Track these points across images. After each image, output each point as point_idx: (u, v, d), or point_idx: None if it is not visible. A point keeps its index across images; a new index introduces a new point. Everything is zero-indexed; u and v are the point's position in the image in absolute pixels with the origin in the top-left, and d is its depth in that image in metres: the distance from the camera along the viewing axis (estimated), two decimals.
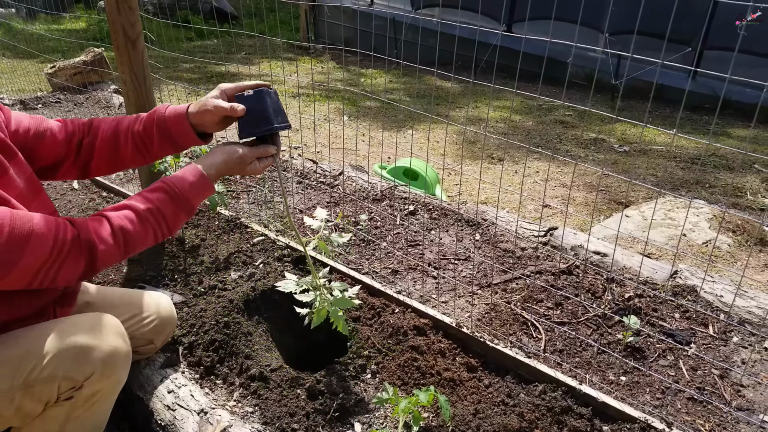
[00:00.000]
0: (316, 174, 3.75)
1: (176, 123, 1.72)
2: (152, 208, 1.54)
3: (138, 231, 1.52)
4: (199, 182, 1.61)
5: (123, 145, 1.76)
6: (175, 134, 1.73)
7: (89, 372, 1.49)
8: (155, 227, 1.55)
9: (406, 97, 7.46)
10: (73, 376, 1.48)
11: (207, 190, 1.63)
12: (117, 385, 1.62)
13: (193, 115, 1.71)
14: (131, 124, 1.76)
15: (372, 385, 1.95)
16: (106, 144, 1.76)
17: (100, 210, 1.53)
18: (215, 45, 9.81)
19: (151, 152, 1.78)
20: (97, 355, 1.51)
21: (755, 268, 3.40)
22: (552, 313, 2.39)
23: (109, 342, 1.55)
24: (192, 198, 1.60)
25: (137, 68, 2.73)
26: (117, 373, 1.58)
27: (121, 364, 1.59)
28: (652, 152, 5.56)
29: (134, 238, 1.51)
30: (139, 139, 1.75)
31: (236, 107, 1.64)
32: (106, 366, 1.52)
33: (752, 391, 2.04)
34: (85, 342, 1.50)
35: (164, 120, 1.73)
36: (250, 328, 2.14)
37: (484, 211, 3.24)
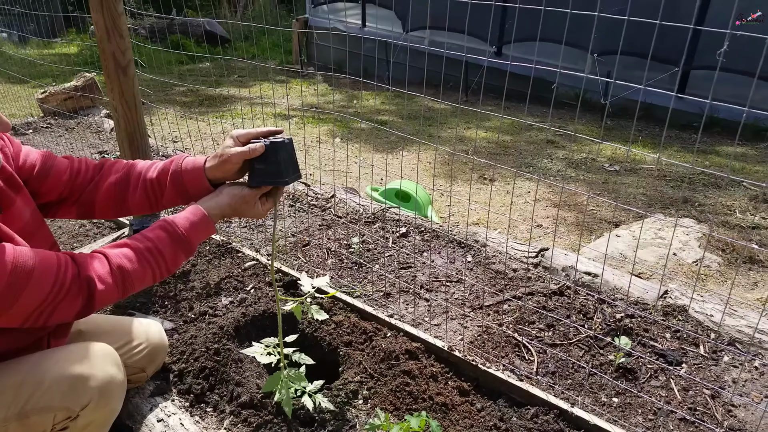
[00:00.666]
0: (308, 197, 3.76)
1: (193, 178, 1.71)
2: (151, 248, 1.53)
3: (137, 270, 1.50)
4: (201, 223, 1.60)
5: (132, 191, 1.74)
6: (190, 188, 1.72)
7: (86, 401, 1.49)
8: (154, 267, 1.53)
9: (397, 119, 7.50)
10: (70, 406, 1.47)
11: (208, 231, 1.62)
12: (111, 415, 1.61)
13: (211, 169, 1.69)
14: (144, 171, 1.75)
15: (364, 411, 1.94)
16: (115, 187, 1.74)
17: (100, 248, 1.52)
18: (207, 68, 9.87)
19: (159, 202, 1.76)
20: (94, 384, 1.50)
21: (745, 287, 3.42)
22: (544, 335, 2.40)
23: (105, 371, 1.54)
24: (193, 239, 1.59)
25: (128, 95, 2.74)
26: (113, 402, 1.57)
27: (117, 393, 1.58)
28: (641, 171, 5.60)
29: (132, 278, 1.49)
30: (150, 187, 1.73)
31: (255, 147, 1.63)
32: (102, 395, 1.52)
33: (744, 411, 2.04)
34: (82, 371, 1.50)
35: (180, 174, 1.71)
36: (240, 355, 2.13)
37: (475, 233, 3.25)
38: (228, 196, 1.65)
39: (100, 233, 3.37)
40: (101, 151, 4.81)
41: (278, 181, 1.67)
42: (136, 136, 2.86)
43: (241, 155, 1.63)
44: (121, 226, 3.35)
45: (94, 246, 3.05)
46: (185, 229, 1.57)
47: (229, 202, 1.65)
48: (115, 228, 3.39)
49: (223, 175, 1.70)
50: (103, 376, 1.53)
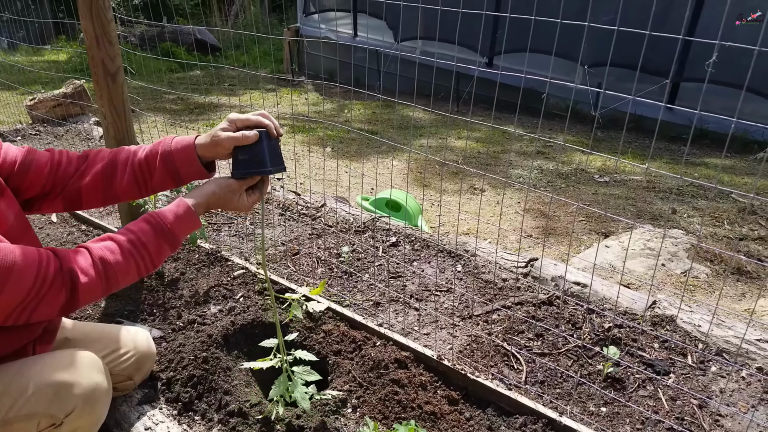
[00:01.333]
0: (299, 206, 3.76)
1: (184, 157, 1.68)
2: (134, 240, 1.51)
3: (119, 262, 1.47)
4: (185, 215, 1.58)
5: (120, 176, 1.70)
6: (180, 168, 1.69)
7: (70, 408, 1.48)
8: (137, 259, 1.51)
9: (388, 128, 7.52)
10: (54, 413, 1.46)
11: (193, 223, 1.60)
12: (96, 422, 1.60)
13: (202, 147, 1.68)
14: (132, 155, 1.72)
15: (353, 420, 1.94)
16: (101, 175, 1.71)
17: (82, 243, 1.50)
18: (198, 77, 9.86)
19: (148, 185, 1.73)
20: (78, 391, 1.49)
21: (733, 297, 3.44)
22: (533, 345, 2.40)
23: (90, 378, 1.53)
24: (177, 231, 1.57)
25: (117, 102, 2.73)
26: (97, 410, 1.56)
27: (102, 401, 1.57)
28: (630, 182, 5.63)
29: (115, 270, 1.47)
30: (139, 170, 1.70)
31: (248, 134, 1.62)
32: (86, 402, 1.51)
33: (731, 420, 2.05)
34: (66, 378, 1.49)
35: (170, 152, 1.68)
36: (229, 364, 2.12)
37: (465, 243, 3.25)
38: (213, 184, 1.64)
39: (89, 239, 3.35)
40: None
41: (261, 170, 1.65)
42: (125, 143, 2.85)
43: (231, 140, 1.62)
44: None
45: None
46: (169, 222, 1.56)
47: (214, 190, 1.63)
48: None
49: (213, 156, 1.70)
50: (88, 383, 1.52)
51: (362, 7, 9.61)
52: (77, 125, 5.78)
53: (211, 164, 1.74)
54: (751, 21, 5.93)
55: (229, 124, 1.65)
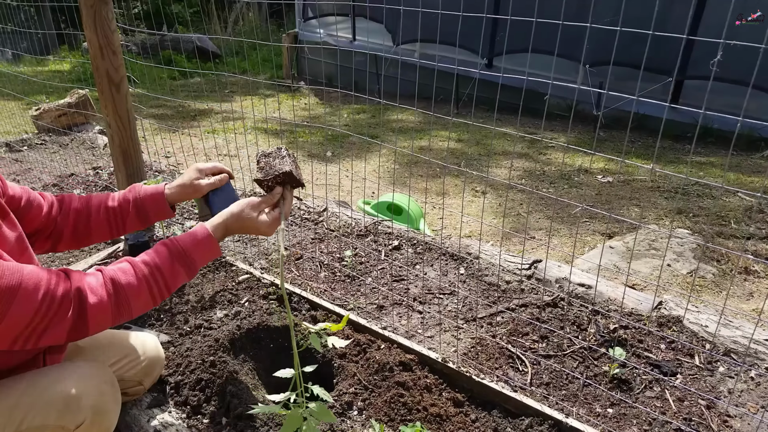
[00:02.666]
0: (301, 210, 3.76)
1: (154, 206, 1.85)
2: (149, 261, 1.54)
3: (131, 284, 1.48)
4: (203, 240, 1.63)
5: (95, 219, 1.83)
6: (151, 213, 1.86)
7: (80, 420, 1.49)
8: (151, 282, 1.52)
9: (388, 132, 7.52)
10: (65, 424, 1.47)
11: (212, 248, 1.65)
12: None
13: (172, 195, 1.86)
14: (103, 201, 1.86)
15: (359, 422, 1.93)
16: (78, 218, 1.82)
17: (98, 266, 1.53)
18: (199, 84, 9.89)
19: (122, 228, 1.87)
20: (88, 402, 1.50)
21: (740, 297, 3.43)
22: (538, 346, 2.40)
23: (99, 389, 1.55)
24: (194, 256, 1.61)
25: (121, 111, 2.75)
26: (107, 420, 1.57)
27: (112, 411, 1.58)
28: (635, 182, 5.62)
29: (126, 291, 1.47)
30: (113, 215, 1.84)
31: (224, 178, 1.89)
32: (96, 413, 1.52)
33: (739, 421, 2.04)
34: (76, 390, 1.50)
35: (142, 201, 1.85)
36: (236, 367, 2.12)
37: (468, 245, 3.25)
38: (235, 206, 1.72)
39: (95, 247, 3.35)
40: (95, 167, 4.80)
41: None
42: (130, 151, 2.86)
43: (210, 186, 1.85)
44: (116, 241, 3.33)
45: (90, 261, 3.03)
46: (185, 245, 1.60)
47: (233, 211, 1.70)
48: (110, 243, 3.38)
49: (181, 200, 1.89)
50: (97, 394, 1.53)
51: (361, 11, 9.63)
52: (82, 134, 5.79)
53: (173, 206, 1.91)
54: (751, 21, 5.92)
55: (199, 173, 1.86)
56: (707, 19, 6.39)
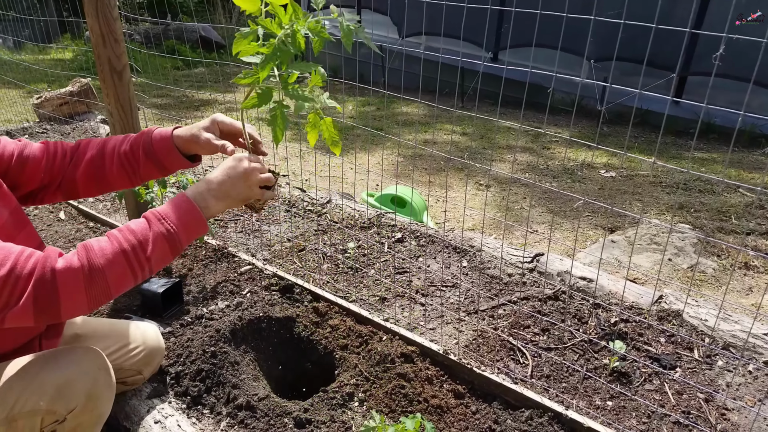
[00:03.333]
0: (304, 202, 3.77)
1: (162, 147, 1.68)
2: (123, 229, 1.40)
3: (103, 248, 1.34)
4: (184, 205, 1.46)
5: (108, 165, 1.70)
6: (162, 158, 1.69)
7: (73, 405, 1.48)
8: (126, 248, 1.36)
9: (393, 125, 7.52)
10: (57, 410, 1.46)
11: (194, 216, 1.46)
12: (100, 418, 1.61)
13: (180, 140, 1.67)
14: (117, 145, 1.72)
15: (359, 413, 1.95)
16: (91, 165, 1.71)
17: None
18: (203, 74, 9.88)
19: (138, 174, 1.73)
20: (81, 388, 1.49)
21: (740, 292, 3.44)
22: (539, 339, 2.41)
23: (92, 375, 1.54)
24: (176, 222, 1.43)
25: (123, 100, 2.75)
26: (100, 406, 1.56)
27: (105, 397, 1.57)
28: (637, 177, 5.62)
29: (98, 255, 1.33)
30: (126, 160, 1.70)
31: (227, 146, 1.60)
32: (89, 399, 1.51)
33: (737, 414, 2.05)
34: (69, 375, 1.49)
35: (150, 144, 1.69)
36: (237, 358, 2.13)
37: (471, 238, 3.26)
38: (220, 170, 1.52)
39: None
40: None
41: None
42: None
43: (211, 147, 1.63)
44: None
45: None
46: (164, 212, 1.44)
47: (221, 177, 1.50)
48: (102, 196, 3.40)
49: (188, 150, 1.69)
50: (90, 380, 1.52)
51: (366, 3, 9.59)
52: (84, 123, 5.80)
53: (196, 155, 1.73)
54: (751, 21, 5.92)
55: (211, 124, 1.66)
56: (710, 17, 6.38)
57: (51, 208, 3.84)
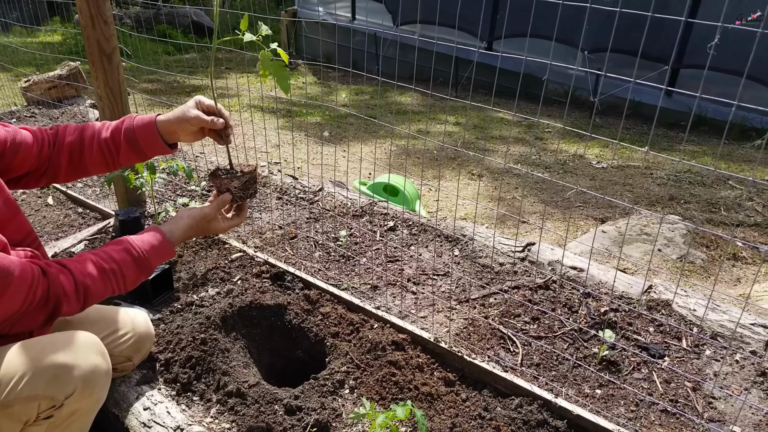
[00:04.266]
0: (296, 190, 3.75)
1: (145, 134, 1.77)
2: (115, 269, 1.60)
3: (98, 289, 1.57)
4: (161, 247, 1.70)
5: (88, 153, 1.79)
6: (143, 145, 1.78)
7: (70, 390, 1.48)
8: (114, 286, 1.61)
9: (386, 113, 7.50)
10: (54, 395, 1.46)
11: (168, 254, 1.72)
12: (96, 404, 1.61)
13: (165, 124, 1.77)
14: (97, 133, 1.80)
15: (350, 401, 1.95)
16: (71, 151, 1.79)
17: (67, 260, 1.56)
18: (194, 59, 9.81)
19: (116, 161, 1.83)
20: (78, 373, 1.49)
21: (728, 283, 3.46)
22: (529, 328, 2.42)
23: (89, 360, 1.54)
24: (153, 262, 1.68)
25: (113, 83, 2.73)
26: (97, 392, 1.57)
27: (102, 382, 1.58)
28: (629, 168, 5.64)
29: (93, 296, 1.57)
30: (106, 147, 1.79)
31: (216, 120, 1.74)
32: (86, 384, 1.51)
33: (724, 402, 2.07)
34: (66, 360, 1.49)
35: (132, 131, 1.77)
36: (227, 345, 2.13)
37: (463, 227, 3.26)
38: (189, 218, 1.76)
39: (86, 224, 3.35)
40: None
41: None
42: None
43: (200, 122, 1.73)
44: (106, 216, 3.33)
45: (79, 236, 3.03)
46: (146, 252, 1.66)
47: (190, 224, 1.76)
48: (101, 218, 3.37)
49: (175, 132, 1.78)
50: (88, 365, 1.52)
51: None
52: (72, 107, 5.75)
53: (173, 144, 1.85)
54: (750, 21, 5.93)
55: (197, 104, 1.76)
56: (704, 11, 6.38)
57: (39, 192, 3.81)
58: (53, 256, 2.82)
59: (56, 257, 2.81)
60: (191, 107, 1.75)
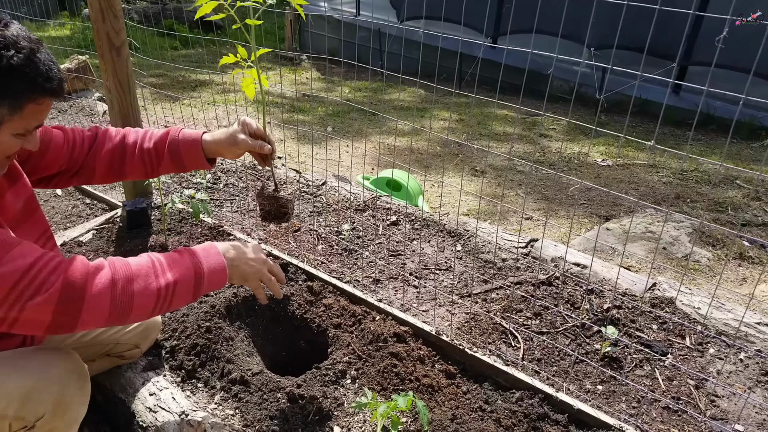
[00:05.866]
0: (300, 184, 3.76)
1: (189, 150, 1.80)
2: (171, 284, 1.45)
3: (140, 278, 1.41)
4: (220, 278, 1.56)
5: (129, 160, 1.81)
6: (186, 160, 1.81)
7: (41, 413, 1.45)
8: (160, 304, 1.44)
9: (390, 109, 7.50)
10: (24, 416, 1.43)
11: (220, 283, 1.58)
12: (74, 421, 1.56)
13: (211, 144, 1.79)
14: (140, 141, 1.82)
15: (351, 390, 1.96)
16: (111, 157, 1.81)
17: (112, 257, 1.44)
18: (201, 54, 9.81)
19: (156, 171, 1.86)
20: (47, 396, 1.45)
21: (734, 282, 3.45)
22: (531, 323, 2.42)
23: (61, 380, 1.49)
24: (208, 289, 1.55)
25: (121, 76, 2.74)
26: (71, 411, 1.52)
27: (76, 402, 1.53)
28: (634, 167, 5.63)
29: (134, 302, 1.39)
30: (148, 157, 1.82)
31: (264, 146, 1.76)
32: (58, 406, 1.48)
33: (727, 401, 2.07)
34: (34, 383, 1.44)
35: (177, 145, 1.80)
36: (231, 333, 2.14)
37: (465, 223, 3.26)
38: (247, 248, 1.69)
39: (93, 214, 3.36)
40: None
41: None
42: (130, 118, 2.85)
43: (248, 146, 1.75)
44: (113, 207, 3.34)
45: (87, 225, 3.04)
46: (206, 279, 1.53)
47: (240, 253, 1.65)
48: (108, 209, 3.39)
49: (221, 152, 1.80)
50: (58, 387, 1.48)
51: None
52: (81, 100, 5.77)
53: (212, 159, 1.86)
54: (751, 21, 5.92)
55: (242, 127, 1.77)
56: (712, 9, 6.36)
57: None
58: (61, 245, 2.83)
59: (65, 246, 2.83)
60: (239, 131, 1.76)
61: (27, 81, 1.31)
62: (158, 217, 3.05)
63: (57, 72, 1.38)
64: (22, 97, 1.31)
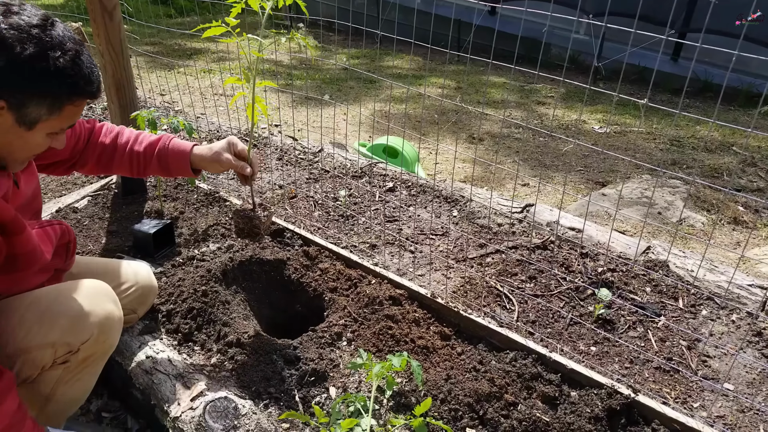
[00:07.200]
0: (296, 151, 3.75)
1: (177, 160, 1.89)
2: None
3: None
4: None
5: (118, 159, 1.92)
6: (173, 167, 1.91)
7: (86, 337, 1.52)
8: None
9: (386, 77, 7.45)
10: (70, 341, 1.50)
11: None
12: (109, 350, 1.67)
13: (198, 159, 1.88)
14: (131, 143, 1.91)
15: (347, 352, 1.98)
16: (102, 154, 1.91)
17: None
18: (195, 22, 9.70)
19: (142, 173, 1.96)
20: (94, 320, 1.54)
21: (728, 246, 3.47)
22: (526, 286, 2.44)
23: (104, 307, 1.58)
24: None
25: (114, 40, 2.71)
26: (111, 338, 1.62)
27: (115, 329, 1.63)
28: (630, 134, 5.61)
29: None
30: (136, 159, 1.91)
31: (245, 167, 1.83)
32: (101, 331, 1.56)
33: (718, 361, 2.10)
34: (82, 308, 1.53)
35: (167, 154, 1.90)
36: (228, 297, 2.15)
37: (461, 189, 3.26)
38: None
39: (88, 181, 3.36)
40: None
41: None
42: (123, 82, 2.83)
43: (231, 165, 1.83)
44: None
45: (82, 192, 3.04)
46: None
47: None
48: (103, 176, 3.38)
49: (207, 168, 1.90)
50: (103, 313, 1.56)
51: None
52: None
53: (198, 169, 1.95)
54: (751, 21, 5.85)
55: (229, 147, 1.86)
56: None
57: None
58: (57, 211, 2.84)
59: (60, 212, 2.84)
60: (224, 150, 1.84)
61: (70, 83, 1.37)
62: (154, 183, 3.05)
63: (97, 75, 1.45)
64: (62, 98, 1.38)
